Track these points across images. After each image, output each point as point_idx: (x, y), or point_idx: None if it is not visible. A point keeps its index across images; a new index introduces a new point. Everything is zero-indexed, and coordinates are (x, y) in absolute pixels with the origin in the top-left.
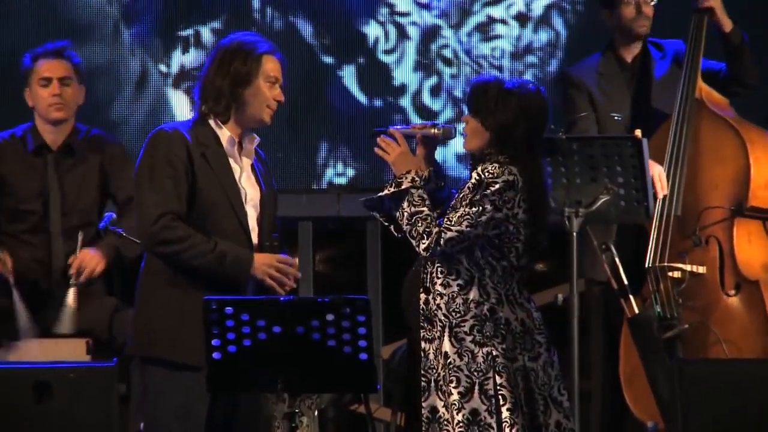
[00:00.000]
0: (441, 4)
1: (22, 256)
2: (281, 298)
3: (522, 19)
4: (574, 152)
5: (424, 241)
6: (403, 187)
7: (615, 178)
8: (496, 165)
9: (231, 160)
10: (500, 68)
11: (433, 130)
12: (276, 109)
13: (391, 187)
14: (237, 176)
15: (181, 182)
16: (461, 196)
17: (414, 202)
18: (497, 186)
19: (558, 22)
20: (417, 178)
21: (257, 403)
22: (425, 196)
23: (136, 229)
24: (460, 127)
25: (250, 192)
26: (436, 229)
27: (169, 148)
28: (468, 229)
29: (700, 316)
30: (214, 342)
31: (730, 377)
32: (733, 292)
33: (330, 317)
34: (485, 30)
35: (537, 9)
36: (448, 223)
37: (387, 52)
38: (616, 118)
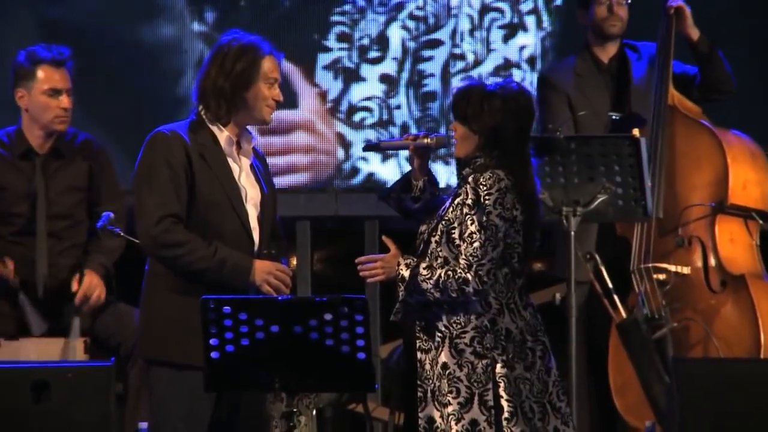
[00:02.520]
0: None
1: (13, 258)
2: (279, 298)
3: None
4: (571, 151)
5: (467, 290)
6: (408, 277)
7: (613, 177)
8: (488, 175)
9: (230, 160)
10: None
11: (425, 140)
12: (275, 107)
13: (401, 290)
14: (236, 176)
15: (181, 184)
16: (465, 216)
17: (427, 277)
18: (494, 197)
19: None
20: (407, 261)
21: (259, 402)
22: (427, 263)
23: (137, 231)
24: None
25: (251, 191)
26: (469, 274)
27: (168, 150)
28: (495, 251)
29: (689, 315)
30: (212, 341)
31: (728, 376)
32: (719, 289)
33: (328, 317)
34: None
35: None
36: (475, 259)
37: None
38: (614, 117)
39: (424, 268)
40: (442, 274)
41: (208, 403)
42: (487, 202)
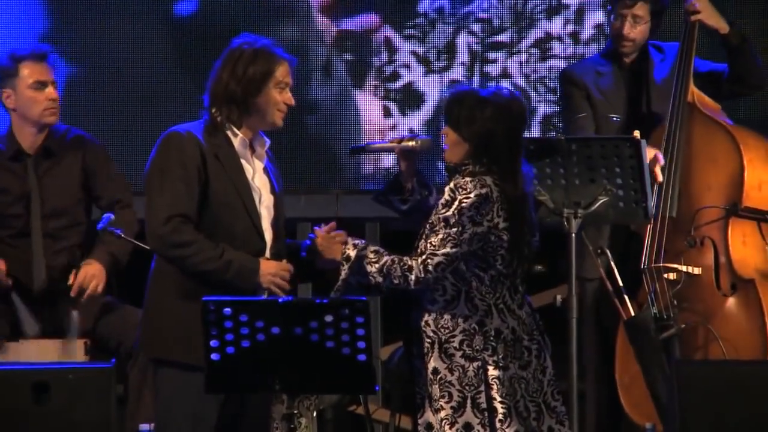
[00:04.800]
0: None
1: (11, 260)
2: (280, 300)
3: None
4: (572, 153)
5: (410, 277)
6: (353, 257)
7: (614, 179)
8: (468, 179)
9: (243, 162)
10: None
11: (411, 143)
12: (287, 111)
13: (344, 268)
14: (250, 177)
15: (193, 184)
16: (437, 216)
17: (373, 260)
18: (471, 200)
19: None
20: (356, 242)
21: (265, 404)
22: (376, 248)
23: (145, 230)
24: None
25: (265, 194)
26: (416, 262)
27: (182, 150)
28: (453, 250)
29: (697, 317)
30: (213, 343)
31: (729, 379)
32: (729, 292)
33: (329, 318)
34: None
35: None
36: (432, 248)
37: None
38: (614, 119)
39: (371, 252)
40: (389, 260)
41: (214, 404)
42: (463, 204)
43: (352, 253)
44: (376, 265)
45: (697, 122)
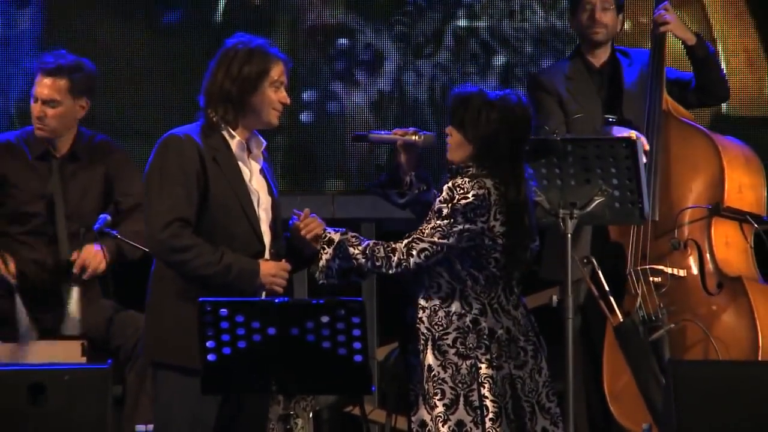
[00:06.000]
0: None
1: (20, 256)
2: (276, 300)
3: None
4: (568, 153)
5: (393, 258)
6: (335, 240)
7: (609, 180)
8: (467, 180)
9: (241, 165)
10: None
11: (413, 137)
12: (282, 110)
13: (326, 251)
14: (248, 180)
15: (192, 188)
16: (432, 210)
17: (355, 243)
18: (468, 200)
19: None
20: (335, 229)
21: (262, 405)
22: (356, 234)
23: (144, 234)
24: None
25: (263, 196)
26: (400, 244)
27: (181, 154)
28: (440, 240)
29: (686, 317)
30: (209, 344)
31: (725, 379)
32: (716, 291)
33: (325, 319)
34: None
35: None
36: (420, 234)
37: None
38: (610, 119)
39: (353, 236)
40: (372, 243)
41: (213, 405)
42: (460, 202)
43: (335, 237)
44: (359, 247)
45: (673, 128)
